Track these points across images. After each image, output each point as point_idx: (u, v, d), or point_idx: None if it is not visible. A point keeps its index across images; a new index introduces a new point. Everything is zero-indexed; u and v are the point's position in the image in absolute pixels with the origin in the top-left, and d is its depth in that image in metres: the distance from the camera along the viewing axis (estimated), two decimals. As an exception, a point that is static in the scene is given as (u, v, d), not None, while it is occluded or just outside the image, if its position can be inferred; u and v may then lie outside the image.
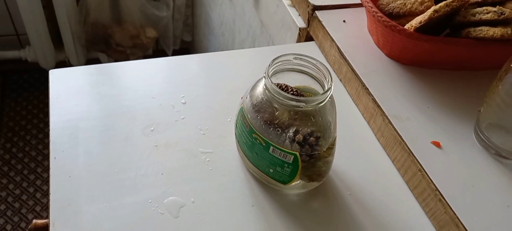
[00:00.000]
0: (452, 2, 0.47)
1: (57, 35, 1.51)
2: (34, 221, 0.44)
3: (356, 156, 0.48)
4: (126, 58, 1.56)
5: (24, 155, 1.45)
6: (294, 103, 0.36)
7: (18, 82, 1.67)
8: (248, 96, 0.40)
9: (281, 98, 0.36)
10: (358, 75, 0.52)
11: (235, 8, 1.03)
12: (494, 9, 0.47)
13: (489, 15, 0.46)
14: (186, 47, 1.78)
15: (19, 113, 1.57)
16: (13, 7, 1.45)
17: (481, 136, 0.46)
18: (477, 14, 0.47)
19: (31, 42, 1.48)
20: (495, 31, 0.46)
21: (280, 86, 0.40)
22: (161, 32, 1.58)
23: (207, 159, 0.45)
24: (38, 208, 1.33)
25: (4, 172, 1.40)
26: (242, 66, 0.58)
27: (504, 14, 0.46)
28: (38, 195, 1.36)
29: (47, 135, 0.44)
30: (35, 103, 1.61)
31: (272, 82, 0.37)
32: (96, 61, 1.64)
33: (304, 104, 0.36)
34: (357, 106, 0.53)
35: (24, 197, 1.35)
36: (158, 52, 1.75)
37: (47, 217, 0.39)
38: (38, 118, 1.57)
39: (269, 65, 0.38)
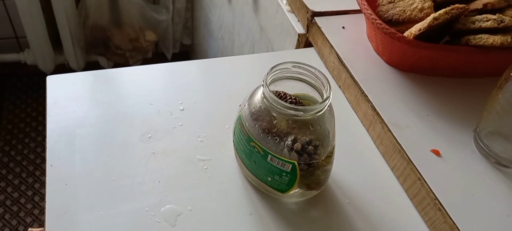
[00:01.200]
0: (452, 9, 0.47)
1: (56, 38, 1.51)
2: (29, 229, 0.43)
3: (355, 164, 0.47)
4: (126, 61, 1.56)
5: (22, 157, 1.45)
6: (292, 112, 0.36)
7: (17, 85, 1.67)
8: (246, 104, 0.40)
9: (279, 107, 0.36)
10: (357, 82, 0.52)
11: (235, 12, 1.03)
12: (494, 17, 0.46)
13: (489, 23, 0.46)
14: (186, 51, 1.78)
15: (18, 116, 1.57)
16: (12, 10, 1.45)
17: (481, 144, 0.45)
18: (477, 22, 0.47)
19: (30, 45, 1.48)
20: (495, 39, 0.45)
21: (278, 94, 0.40)
22: (160, 35, 1.58)
23: (205, 167, 0.44)
24: (36, 212, 1.33)
25: (2, 175, 1.40)
26: (241, 73, 0.57)
27: (504, 22, 0.46)
28: (36, 199, 1.36)
29: (46, 138, 0.43)
30: (34, 106, 1.61)
31: (270, 91, 0.36)
32: (96, 64, 1.64)
33: (302, 113, 0.36)
34: (356, 113, 0.53)
35: (22, 200, 1.35)
36: (158, 55, 1.75)
37: (44, 223, 0.39)
38: (37, 121, 1.56)
39: (267, 73, 0.38)
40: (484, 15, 0.47)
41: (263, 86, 0.37)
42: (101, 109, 0.49)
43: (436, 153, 0.45)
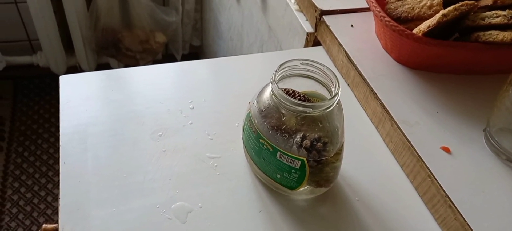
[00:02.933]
0: (461, 6, 0.47)
1: (68, 41, 1.53)
2: (43, 225, 0.44)
3: (364, 161, 0.47)
4: (136, 63, 1.57)
5: (35, 158, 1.47)
6: (301, 108, 0.36)
7: (29, 87, 1.70)
8: (255, 102, 0.40)
9: (288, 103, 0.36)
10: (366, 80, 0.52)
11: (243, 12, 1.04)
12: (503, 13, 0.46)
13: (498, 19, 0.46)
14: (195, 52, 1.79)
15: (30, 117, 1.60)
16: (25, 13, 1.48)
17: (491, 141, 0.45)
18: (487, 18, 0.47)
19: (43, 47, 1.50)
20: (505, 35, 0.45)
21: (287, 91, 0.40)
22: (170, 37, 1.60)
23: (215, 164, 0.45)
24: (49, 212, 1.35)
25: (16, 176, 1.42)
26: (250, 71, 0.58)
27: (514, 17, 0.45)
28: (49, 199, 1.38)
29: (58, 139, 0.44)
30: (47, 107, 1.64)
31: (279, 88, 0.37)
32: (106, 66, 1.66)
33: (311, 109, 0.36)
34: (365, 111, 0.53)
35: (35, 201, 1.37)
36: (168, 56, 1.76)
37: (58, 221, 0.39)
38: (49, 122, 1.59)
39: (276, 70, 0.38)
40: (494, 12, 0.47)
41: (272, 83, 0.38)
42: (112, 108, 0.50)
43: (446, 150, 0.45)
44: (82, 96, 0.50)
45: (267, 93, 0.39)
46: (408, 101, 0.50)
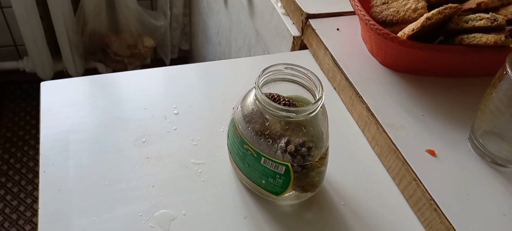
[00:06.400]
0: (445, 9, 0.47)
1: (55, 46, 1.51)
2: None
3: (350, 165, 0.47)
4: (124, 67, 1.56)
5: (21, 165, 1.45)
6: (284, 113, 0.36)
7: (16, 93, 1.67)
8: (239, 107, 0.40)
9: (271, 109, 0.36)
10: (352, 83, 0.52)
11: (231, 16, 1.03)
12: (487, 16, 0.46)
13: (482, 22, 0.46)
14: (184, 56, 1.79)
15: (17, 124, 1.57)
16: (11, 18, 1.46)
17: (476, 143, 0.45)
18: (470, 21, 0.47)
19: (29, 52, 1.48)
20: (489, 38, 0.45)
21: (272, 96, 0.40)
22: (158, 41, 1.59)
23: (199, 170, 0.44)
24: (35, 220, 1.32)
25: (1, 183, 1.40)
26: (236, 76, 0.57)
27: (497, 20, 0.46)
28: (35, 206, 1.35)
29: (42, 146, 0.43)
30: (33, 113, 1.61)
31: (262, 93, 0.36)
32: (94, 71, 1.64)
33: (294, 114, 0.36)
34: (351, 115, 0.53)
35: (21, 208, 1.34)
36: (156, 61, 1.75)
37: None
38: (36, 128, 1.57)
39: (259, 75, 0.38)
40: (477, 14, 0.47)
41: (255, 88, 0.37)
42: (95, 114, 0.49)
43: (432, 153, 0.45)
44: (64, 103, 0.49)
45: (250, 99, 0.39)
46: (394, 104, 0.50)
